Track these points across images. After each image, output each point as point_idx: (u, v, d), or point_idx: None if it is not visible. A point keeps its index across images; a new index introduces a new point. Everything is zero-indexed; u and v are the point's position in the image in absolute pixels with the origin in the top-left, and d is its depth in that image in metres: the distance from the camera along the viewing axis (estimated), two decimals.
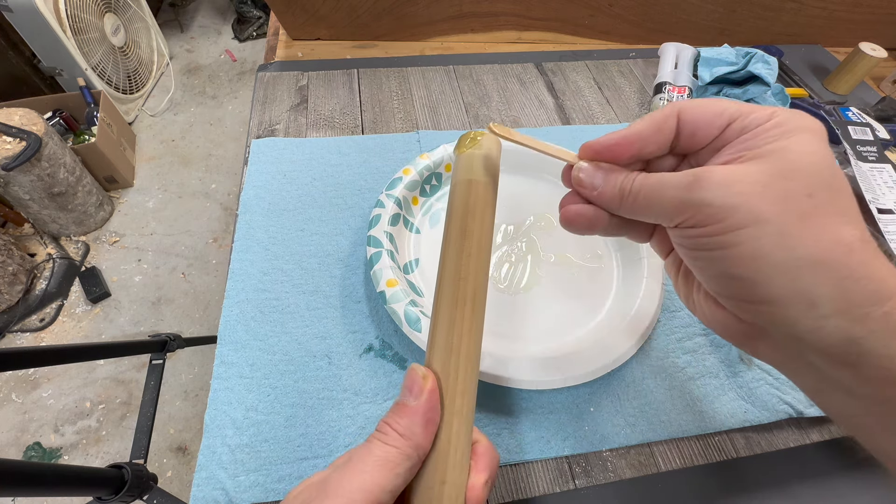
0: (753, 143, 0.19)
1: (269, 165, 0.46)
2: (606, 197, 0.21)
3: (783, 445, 0.33)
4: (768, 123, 0.19)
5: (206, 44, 1.98)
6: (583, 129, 0.52)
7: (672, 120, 0.20)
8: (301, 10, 0.59)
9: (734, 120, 0.19)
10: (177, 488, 0.95)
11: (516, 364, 0.31)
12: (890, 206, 0.45)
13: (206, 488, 0.29)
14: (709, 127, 0.20)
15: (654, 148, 0.21)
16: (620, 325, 0.34)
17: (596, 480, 0.31)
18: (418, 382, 0.19)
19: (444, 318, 0.21)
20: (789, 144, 0.18)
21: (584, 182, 0.22)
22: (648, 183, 0.20)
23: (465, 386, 0.19)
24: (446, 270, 0.22)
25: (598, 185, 0.22)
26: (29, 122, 1.09)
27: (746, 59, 0.52)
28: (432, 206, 0.42)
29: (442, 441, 0.18)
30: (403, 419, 0.18)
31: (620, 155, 0.21)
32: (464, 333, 0.20)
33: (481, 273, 0.22)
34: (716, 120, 0.20)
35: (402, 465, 0.17)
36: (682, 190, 0.19)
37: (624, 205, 0.21)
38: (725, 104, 0.20)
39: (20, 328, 1.13)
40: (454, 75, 0.58)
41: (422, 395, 0.19)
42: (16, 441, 1.00)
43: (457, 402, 0.19)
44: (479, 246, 0.22)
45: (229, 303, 0.37)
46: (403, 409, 0.19)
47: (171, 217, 1.39)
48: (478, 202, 0.23)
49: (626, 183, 0.21)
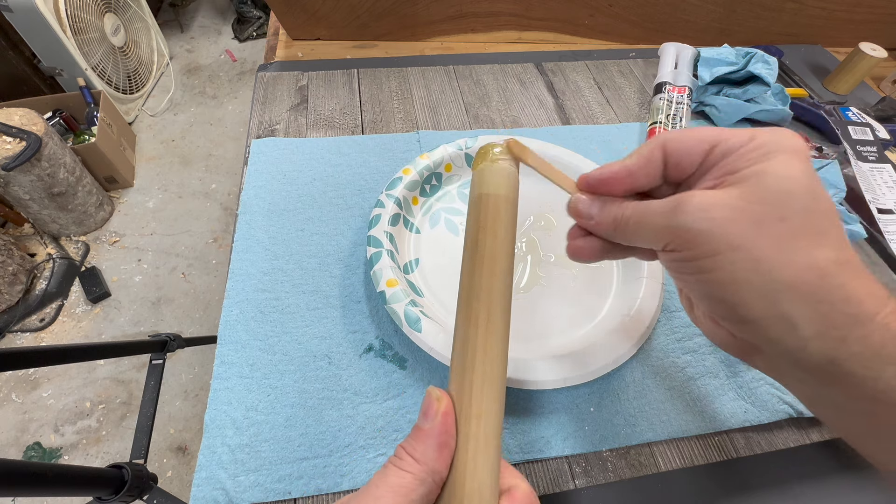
0: (734, 166, 0.19)
1: (269, 165, 0.46)
2: (602, 227, 0.22)
3: (783, 445, 0.33)
4: (749, 145, 0.19)
5: (206, 44, 1.99)
6: (583, 129, 0.52)
7: (658, 152, 0.21)
8: (301, 10, 0.59)
9: (715, 145, 0.20)
10: (177, 488, 0.95)
11: (516, 364, 0.31)
12: (890, 206, 0.45)
13: (206, 488, 0.29)
14: (691, 154, 0.20)
15: (645, 181, 0.22)
16: (620, 325, 0.34)
17: (596, 480, 0.31)
18: (433, 405, 0.18)
19: (458, 337, 0.20)
20: (767, 167, 0.18)
21: (582, 213, 0.23)
22: (638, 210, 0.21)
23: (482, 408, 0.18)
24: (461, 289, 0.21)
25: (594, 214, 0.22)
26: (29, 122, 1.09)
27: (746, 59, 0.52)
28: (432, 206, 0.42)
29: (457, 467, 0.18)
30: (419, 443, 0.18)
31: (614, 189, 0.22)
32: (477, 353, 0.19)
33: (496, 291, 0.21)
34: (697, 147, 0.20)
35: (417, 492, 0.17)
36: (663, 216, 0.19)
37: (617, 232, 0.22)
38: (707, 131, 0.20)
39: (20, 328, 1.13)
40: (454, 75, 0.58)
41: (435, 417, 0.18)
42: (16, 441, 1.00)
43: (472, 426, 0.18)
44: (493, 262, 0.21)
45: (229, 303, 0.37)
46: (418, 432, 0.18)
47: (171, 217, 1.39)
48: (489, 217, 0.22)
49: (619, 212, 0.21)
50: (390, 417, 0.32)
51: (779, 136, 0.19)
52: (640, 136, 0.52)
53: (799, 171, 0.18)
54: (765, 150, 0.19)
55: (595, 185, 0.23)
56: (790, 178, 0.18)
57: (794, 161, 0.18)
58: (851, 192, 0.46)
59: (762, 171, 0.18)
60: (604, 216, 0.22)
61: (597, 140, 0.51)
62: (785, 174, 0.18)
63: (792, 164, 0.18)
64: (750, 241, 0.17)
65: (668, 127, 0.50)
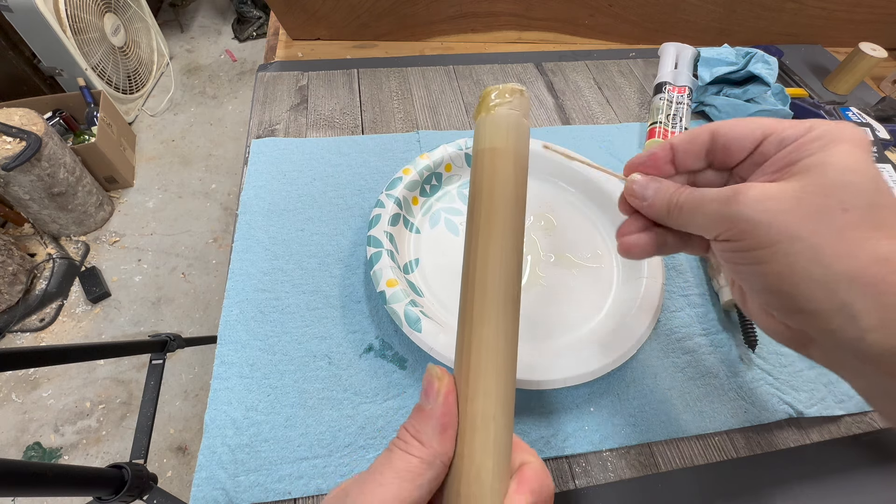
0: (794, 156, 0.19)
1: (269, 165, 0.46)
2: (655, 208, 0.22)
3: (783, 445, 0.33)
4: (807, 136, 0.19)
5: (206, 44, 1.98)
6: (583, 129, 0.52)
7: (705, 134, 0.21)
8: (301, 10, 0.59)
9: (769, 134, 0.20)
10: (177, 488, 0.95)
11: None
12: None
13: (206, 488, 0.29)
14: (742, 140, 0.20)
15: (688, 158, 0.22)
16: (620, 325, 0.34)
17: (596, 480, 0.31)
18: (433, 384, 0.18)
19: (459, 312, 0.18)
20: (827, 158, 0.18)
21: (637, 192, 0.23)
22: (693, 196, 0.21)
23: (481, 387, 0.17)
24: (463, 260, 0.19)
25: (649, 195, 0.22)
26: (29, 122, 1.09)
27: (746, 59, 0.52)
28: (432, 206, 0.42)
29: (458, 449, 0.17)
30: (422, 424, 0.17)
31: (659, 162, 0.23)
32: (474, 324, 0.18)
33: (492, 258, 0.18)
34: (749, 134, 0.20)
35: (425, 476, 0.16)
36: (721, 204, 0.19)
37: (671, 216, 0.22)
38: (760, 120, 0.20)
39: (20, 328, 1.13)
40: (454, 75, 0.58)
41: (437, 397, 0.17)
42: (16, 441, 1.00)
43: (471, 406, 0.17)
44: (490, 227, 0.19)
45: (229, 303, 0.37)
46: (420, 413, 0.17)
47: (171, 217, 1.39)
48: (485, 176, 0.20)
49: (675, 196, 0.21)
50: (390, 417, 0.32)
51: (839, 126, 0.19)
52: (641, 135, 0.52)
53: (862, 162, 0.18)
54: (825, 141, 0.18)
55: (644, 161, 0.23)
56: (853, 169, 0.17)
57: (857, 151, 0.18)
58: None
59: (823, 162, 0.18)
60: (658, 198, 0.22)
61: (597, 140, 0.51)
62: (847, 165, 0.17)
63: (854, 154, 0.18)
64: (811, 232, 0.17)
65: (668, 127, 0.50)
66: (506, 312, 0.18)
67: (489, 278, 0.18)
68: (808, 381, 0.35)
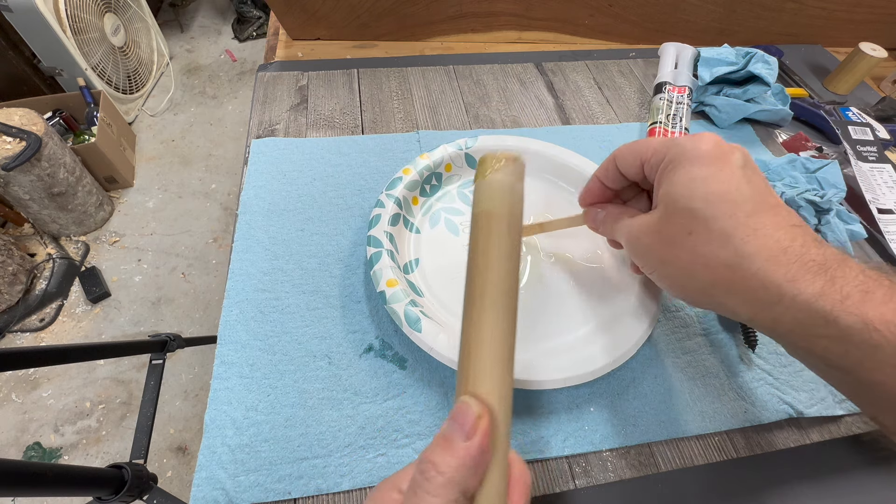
0: (656, 183, 0.23)
1: (269, 165, 0.46)
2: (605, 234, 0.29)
3: (783, 445, 0.33)
4: (662, 165, 0.22)
5: (206, 44, 1.98)
6: (583, 129, 0.52)
7: (612, 163, 0.26)
8: (301, 10, 0.59)
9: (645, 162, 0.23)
10: (177, 488, 0.95)
11: (516, 364, 0.31)
12: (890, 206, 0.45)
13: (206, 488, 0.29)
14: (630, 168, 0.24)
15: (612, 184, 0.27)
16: (620, 325, 0.34)
17: (596, 480, 0.31)
18: (471, 420, 0.17)
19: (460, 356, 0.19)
20: (671, 186, 0.21)
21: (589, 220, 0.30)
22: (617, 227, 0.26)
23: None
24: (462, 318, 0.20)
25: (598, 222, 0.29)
26: (29, 122, 1.09)
27: (746, 59, 0.52)
28: (432, 206, 0.42)
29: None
30: (452, 459, 0.16)
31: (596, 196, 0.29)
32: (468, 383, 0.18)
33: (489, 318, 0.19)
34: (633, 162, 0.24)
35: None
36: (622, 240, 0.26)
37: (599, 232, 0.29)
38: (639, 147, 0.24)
39: (20, 328, 1.13)
40: (454, 75, 0.58)
41: (475, 434, 0.16)
42: (16, 441, 1.00)
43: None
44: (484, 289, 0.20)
45: (229, 303, 0.37)
46: (454, 448, 0.16)
47: (171, 217, 1.39)
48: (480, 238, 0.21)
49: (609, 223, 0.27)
50: (390, 417, 0.32)
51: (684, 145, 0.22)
52: (641, 135, 0.52)
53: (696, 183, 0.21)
54: (670, 169, 0.22)
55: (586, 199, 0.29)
56: (688, 195, 0.21)
57: (693, 170, 0.21)
58: (851, 192, 0.46)
59: (668, 192, 0.22)
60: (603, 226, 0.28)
61: (597, 140, 0.51)
62: (683, 191, 0.21)
63: (690, 174, 0.21)
64: (672, 257, 0.22)
65: (668, 127, 0.50)
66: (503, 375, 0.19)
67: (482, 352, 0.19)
68: (808, 381, 0.35)
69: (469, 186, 0.44)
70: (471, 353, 0.19)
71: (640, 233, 0.23)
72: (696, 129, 0.54)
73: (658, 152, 0.22)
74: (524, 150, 0.44)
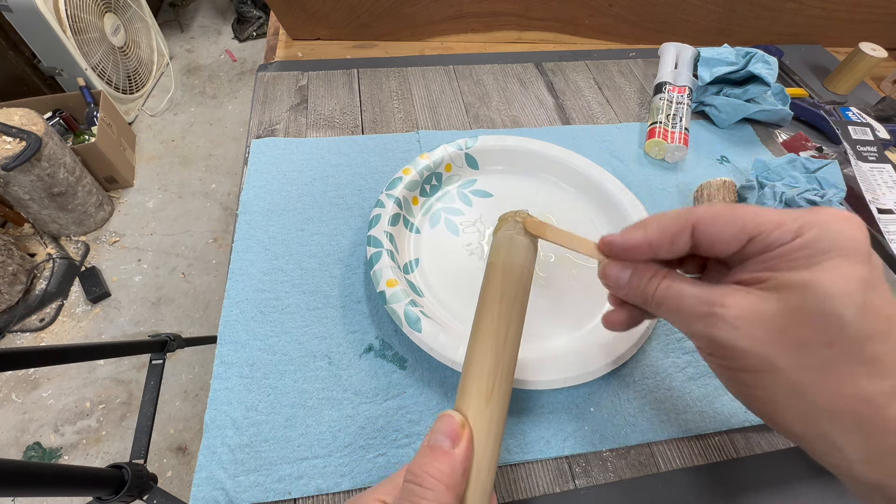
0: (775, 264, 0.17)
1: (269, 165, 0.46)
2: (632, 297, 0.21)
3: (783, 445, 0.33)
4: (794, 243, 0.17)
5: (206, 44, 1.98)
6: (583, 129, 0.52)
7: (685, 234, 0.19)
8: (301, 10, 0.59)
9: (754, 237, 0.18)
10: (177, 488, 0.95)
11: (516, 364, 0.31)
12: (890, 206, 0.45)
13: (206, 488, 0.29)
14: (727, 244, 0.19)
15: (668, 255, 0.20)
16: None
17: (596, 480, 0.31)
18: (455, 429, 0.18)
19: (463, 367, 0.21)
20: (814, 278, 0.16)
21: (610, 279, 0.22)
22: (670, 296, 0.19)
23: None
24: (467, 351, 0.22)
25: (623, 285, 0.21)
26: (29, 122, 1.08)
27: (746, 59, 0.52)
28: (432, 207, 0.42)
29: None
30: (444, 465, 0.17)
31: (636, 257, 0.21)
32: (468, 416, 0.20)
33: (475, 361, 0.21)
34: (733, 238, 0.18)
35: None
36: (697, 320, 0.18)
37: (649, 307, 0.21)
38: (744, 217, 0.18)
39: (20, 328, 1.13)
40: (454, 75, 0.58)
41: (460, 441, 0.18)
42: (16, 441, 1.00)
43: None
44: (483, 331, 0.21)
45: (229, 303, 0.37)
46: (444, 454, 0.17)
47: (171, 217, 1.39)
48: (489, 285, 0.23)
49: (650, 288, 0.20)
50: (390, 417, 0.32)
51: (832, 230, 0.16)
52: (641, 135, 0.52)
53: (852, 285, 0.16)
54: (812, 251, 0.16)
55: (619, 254, 0.21)
56: (840, 295, 0.15)
57: (847, 268, 0.16)
58: (851, 192, 0.46)
59: (808, 284, 0.16)
60: (632, 287, 0.21)
61: (597, 140, 0.51)
62: (834, 291, 0.16)
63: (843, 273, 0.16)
64: (792, 366, 0.16)
65: (668, 127, 0.50)
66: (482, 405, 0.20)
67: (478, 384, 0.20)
68: None
69: (469, 186, 0.44)
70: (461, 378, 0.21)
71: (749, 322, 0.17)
72: (696, 130, 0.54)
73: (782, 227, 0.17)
74: (524, 150, 0.44)
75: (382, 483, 0.19)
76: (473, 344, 0.22)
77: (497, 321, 0.22)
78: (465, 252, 0.40)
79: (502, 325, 0.22)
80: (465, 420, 0.19)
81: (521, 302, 0.22)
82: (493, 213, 0.42)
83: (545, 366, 0.31)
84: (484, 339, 0.21)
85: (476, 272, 0.38)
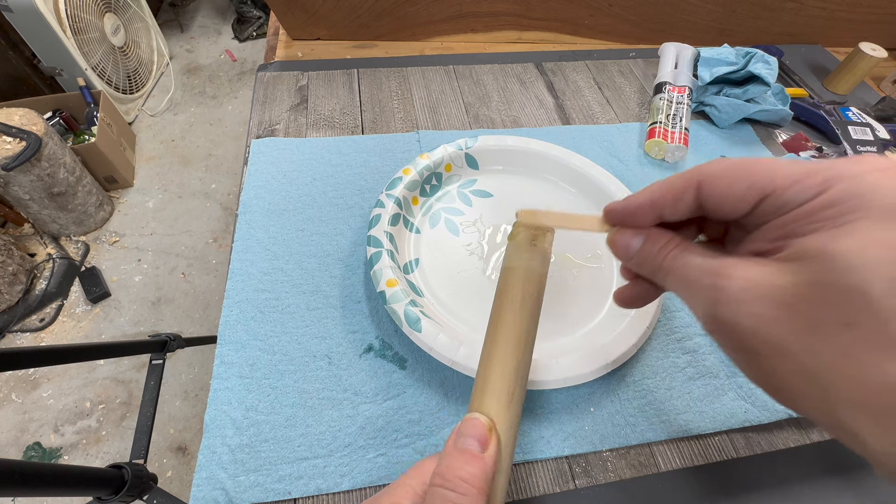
0: (794, 228, 0.14)
1: (269, 165, 0.46)
2: (642, 267, 0.19)
3: (783, 445, 0.33)
4: (815, 202, 0.14)
5: (206, 44, 1.98)
6: (583, 129, 0.52)
7: (690, 193, 0.17)
8: (301, 10, 0.59)
9: (767, 195, 0.15)
10: (177, 488, 0.95)
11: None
12: None
13: (206, 488, 0.29)
14: (735, 204, 0.16)
15: (674, 216, 0.18)
16: (620, 325, 0.34)
17: (596, 480, 0.31)
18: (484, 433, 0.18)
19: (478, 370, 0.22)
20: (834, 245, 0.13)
21: (619, 246, 0.20)
22: (676, 266, 0.18)
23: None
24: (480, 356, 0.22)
25: (632, 253, 0.19)
26: (29, 122, 1.08)
27: (746, 59, 0.52)
28: (432, 207, 0.42)
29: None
30: (477, 470, 0.17)
31: (641, 221, 0.19)
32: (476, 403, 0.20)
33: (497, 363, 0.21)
34: (743, 197, 0.16)
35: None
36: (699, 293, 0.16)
37: (657, 279, 0.19)
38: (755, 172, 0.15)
39: (20, 328, 1.13)
40: (454, 75, 0.58)
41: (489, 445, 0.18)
42: (16, 441, 1.00)
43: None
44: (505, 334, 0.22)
45: (229, 303, 0.37)
46: (476, 459, 0.17)
47: (171, 217, 1.39)
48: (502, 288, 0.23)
49: (660, 257, 0.18)
50: (390, 417, 0.32)
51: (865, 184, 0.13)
52: (641, 135, 0.52)
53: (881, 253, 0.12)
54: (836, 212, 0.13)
55: (623, 220, 0.19)
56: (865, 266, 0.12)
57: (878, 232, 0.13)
58: None
59: (827, 250, 0.13)
60: (644, 257, 0.19)
61: (597, 140, 0.51)
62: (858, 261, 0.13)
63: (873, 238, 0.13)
64: (803, 351, 0.13)
65: (668, 127, 0.50)
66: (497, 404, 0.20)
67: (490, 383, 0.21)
68: None
69: (469, 186, 0.44)
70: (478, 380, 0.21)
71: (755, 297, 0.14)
72: (696, 130, 0.54)
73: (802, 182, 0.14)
74: (525, 150, 0.44)
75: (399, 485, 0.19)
76: (493, 347, 0.22)
77: (518, 325, 0.22)
78: (465, 252, 0.40)
79: (523, 330, 0.22)
80: (493, 424, 0.19)
81: (539, 308, 0.23)
82: (493, 213, 0.42)
83: (546, 366, 0.31)
84: (506, 342, 0.21)
85: (476, 272, 0.38)
